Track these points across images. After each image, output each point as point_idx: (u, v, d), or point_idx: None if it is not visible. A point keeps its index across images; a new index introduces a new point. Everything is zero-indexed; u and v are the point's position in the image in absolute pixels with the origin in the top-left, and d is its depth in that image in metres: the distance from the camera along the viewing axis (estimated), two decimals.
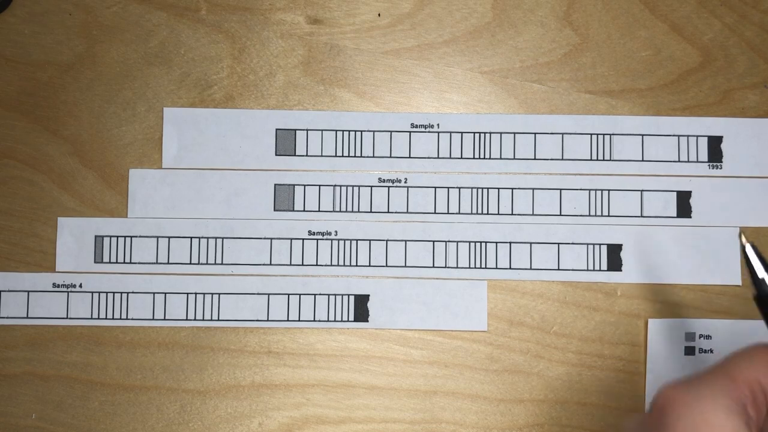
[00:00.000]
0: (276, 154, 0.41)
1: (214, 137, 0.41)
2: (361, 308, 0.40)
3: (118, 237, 0.40)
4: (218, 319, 0.40)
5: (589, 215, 0.40)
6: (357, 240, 0.40)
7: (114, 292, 0.40)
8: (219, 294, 0.40)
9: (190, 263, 0.40)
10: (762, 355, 0.27)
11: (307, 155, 0.41)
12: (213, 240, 0.40)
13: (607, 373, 0.40)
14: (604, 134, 0.40)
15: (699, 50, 0.41)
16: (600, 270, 0.40)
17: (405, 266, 0.40)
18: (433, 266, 0.40)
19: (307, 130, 0.41)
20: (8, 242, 0.40)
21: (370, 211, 0.40)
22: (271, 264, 0.40)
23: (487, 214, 0.40)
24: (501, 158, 0.40)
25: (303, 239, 0.40)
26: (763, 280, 0.35)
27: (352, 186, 0.40)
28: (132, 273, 0.40)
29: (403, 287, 0.40)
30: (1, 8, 0.41)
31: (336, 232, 0.40)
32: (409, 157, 0.40)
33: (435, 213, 0.40)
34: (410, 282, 0.40)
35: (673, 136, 0.40)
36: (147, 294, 0.40)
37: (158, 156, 0.41)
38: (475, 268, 0.40)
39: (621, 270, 0.40)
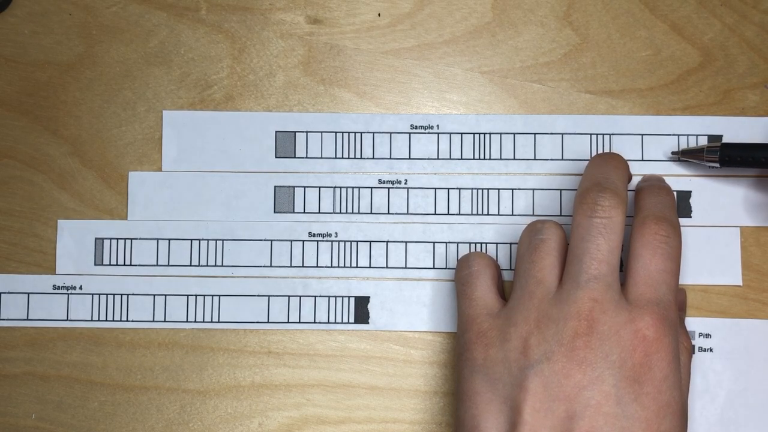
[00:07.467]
0: (276, 156, 0.41)
1: (213, 140, 0.41)
2: (361, 310, 0.40)
3: (118, 239, 0.40)
4: (218, 321, 0.40)
5: None
6: (357, 241, 0.40)
7: (114, 294, 0.40)
8: (219, 296, 0.40)
9: (191, 265, 0.40)
10: None
11: (306, 157, 0.41)
12: (213, 242, 0.40)
13: None
14: (604, 134, 0.40)
15: (699, 50, 0.40)
16: None
17: (405, 267, 0.40)
18: (434, 267, 0.40)
19: (306, 132, 0.41)
20: (8, 242, 0.40)
21: (371, 213, 0.40)
22: (271, 266, 0.40)
23: (488, 215, 0.40)
24: (501, 159, 0.40)
25: (303, 241, 0.40)
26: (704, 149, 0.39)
27: (352, 187, 0.40)
28: (132, 275, 0.40)
29: (404, 289, 0.40)
30: (1, 8, 0.41)
31: (336, 233, 0.40)
32: (409, 158, 0.40)
33: (435, 214, 0.40)
34: (411, 283, 0.40)
35: (673, 135, 0.40)
36: (147, 296, 0.40)
37: (158, 156, 0.41)
38: None
39: (621, 270, 0.40)
